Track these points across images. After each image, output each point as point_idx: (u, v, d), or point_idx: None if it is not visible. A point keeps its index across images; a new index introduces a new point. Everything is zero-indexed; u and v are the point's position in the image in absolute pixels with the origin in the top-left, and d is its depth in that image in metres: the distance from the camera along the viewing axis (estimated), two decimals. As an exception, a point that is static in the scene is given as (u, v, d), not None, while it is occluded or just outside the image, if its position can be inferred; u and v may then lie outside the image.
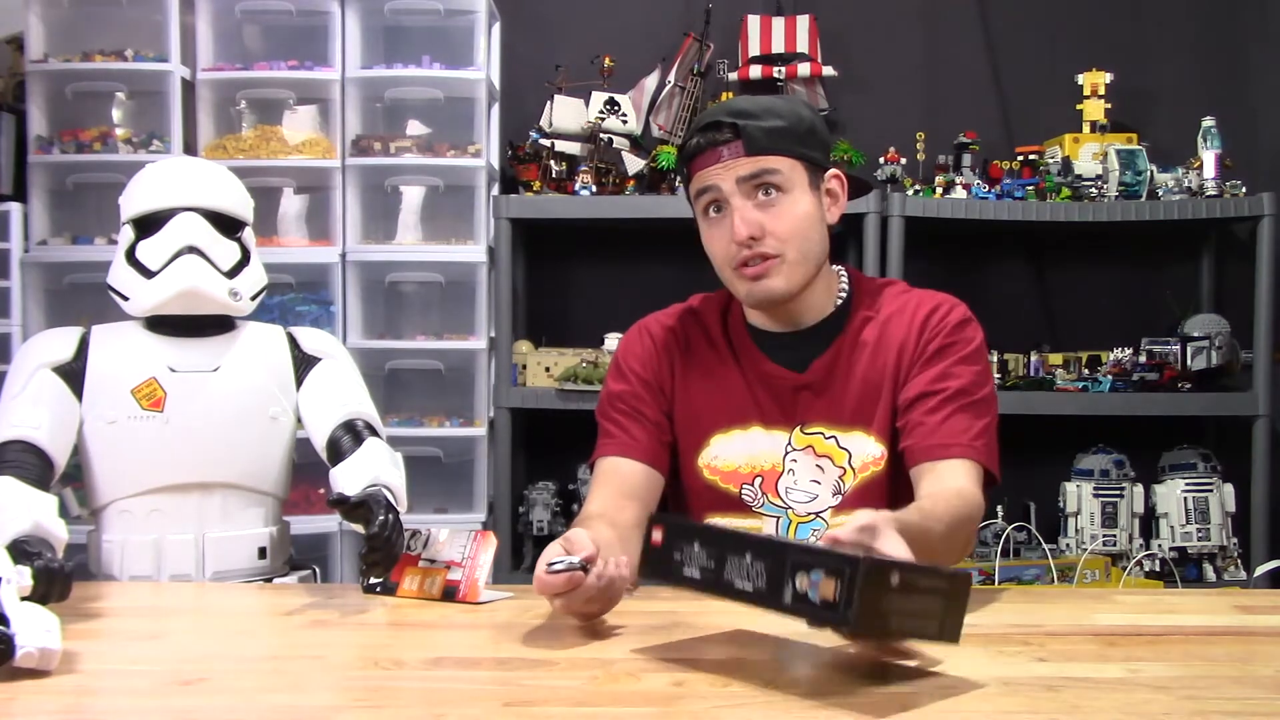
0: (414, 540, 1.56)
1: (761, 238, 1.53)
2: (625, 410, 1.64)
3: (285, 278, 2.96)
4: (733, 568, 1.14)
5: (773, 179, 1.53)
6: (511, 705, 1.06)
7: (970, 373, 1.57)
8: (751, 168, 1.53)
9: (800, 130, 1.57)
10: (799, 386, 1.61)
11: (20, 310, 2.92)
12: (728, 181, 1.53)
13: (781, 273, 1.55)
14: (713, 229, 1.58)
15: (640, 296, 1.93)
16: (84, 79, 2.98)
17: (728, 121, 1.54)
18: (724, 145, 1.53)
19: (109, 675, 1.18)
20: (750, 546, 1.14)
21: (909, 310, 1.62)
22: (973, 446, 1.52)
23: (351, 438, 1.77)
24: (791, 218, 1.55)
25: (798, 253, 1.56)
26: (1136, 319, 3.19)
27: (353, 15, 3.02)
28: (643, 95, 3.17)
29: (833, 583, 1.05)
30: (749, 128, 1.53)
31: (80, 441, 1.77)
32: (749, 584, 1.12)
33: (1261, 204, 2.93)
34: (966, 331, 1.60)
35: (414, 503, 1.76)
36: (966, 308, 1.64)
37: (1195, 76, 3.25)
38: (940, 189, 3.00)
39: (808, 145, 1.57)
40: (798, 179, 1.55)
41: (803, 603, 1.07)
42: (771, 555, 1.11)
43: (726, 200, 1.54)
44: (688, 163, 1.59)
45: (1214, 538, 3.00)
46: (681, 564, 1.20)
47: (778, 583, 1.09)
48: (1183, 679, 1.12)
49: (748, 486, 1.61)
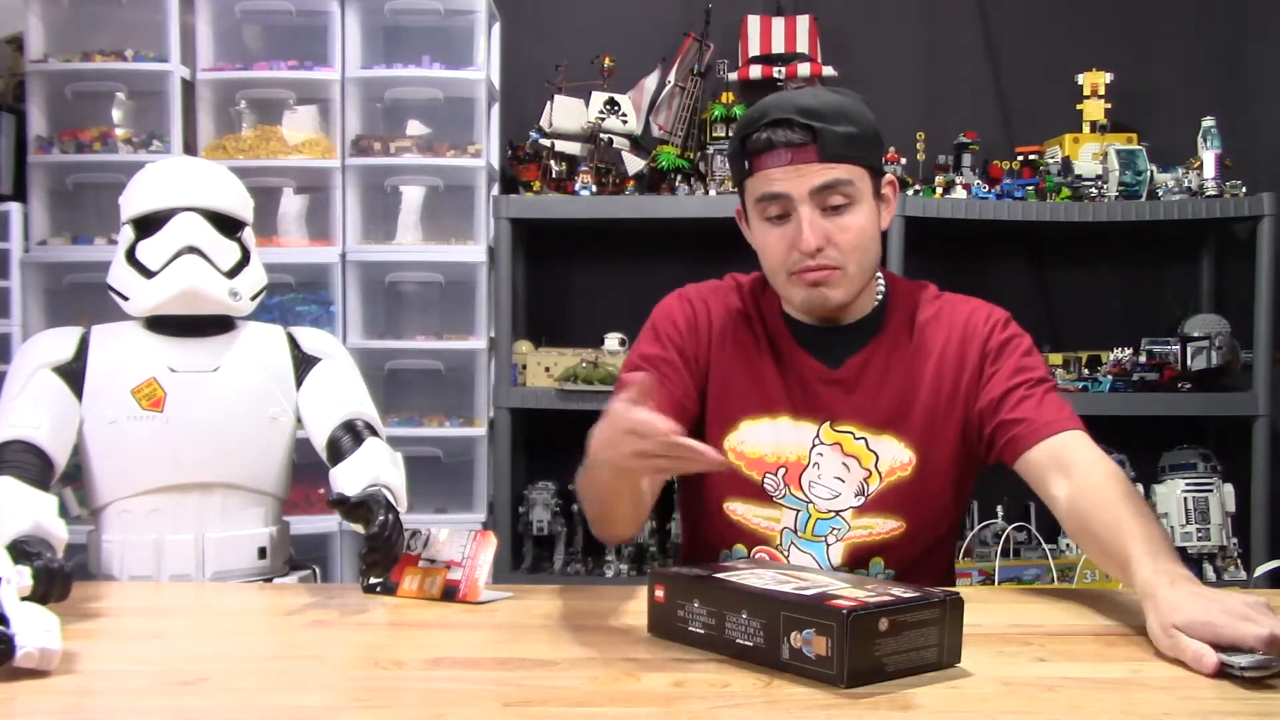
0: (414, 540, 1.56)
1: (826, 249, 1.51)
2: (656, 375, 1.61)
3: (285, 278, 2.96)
4: (733, 625, 1.17)
5: (845, 189, 1.50)
6: (511, 705, 1.06)
7: (1039, 363, 1.59)
8: (825, 177, 1.49)
9: (868, 136, 1.55)
10: (831, 381, 1.60)
11: (20, 310, 2.92)
12: (800, 190, 1.50)
13: (841, 285, 1.54)
14: (771, 230, 1.54)
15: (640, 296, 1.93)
16: (84, 79, 2.98)
17: (801, 121, 1.49)
18: (797, 147, 1.49)
19: (109, 675, 1.18)
20: (746, 603, 1.16)
21: (946, 314, 1.62)
22: (1075, 419, 1.52)
23: (351, 438, 1.77)
24: (857, 230, 1.53)
25: (858, 266, 1.55)
26: (1136, 319, 3.19)
27: (353, 15, 3.02)
28: (643, 95, 3.17)
29: (824, 639, 1.08)
30: (825, 132, 1.49)
31: (80, 441, 1.77)
32: (749, 641, 1.15)
33: (1261, 204, 2.93)
34: (1013, 328, 1.62)
35: (414, 503, 1.76)
36: (1002, 308, 1.65)
37: (1195, 76, 3.25)
38: (940, 189, 3.00)
39: (874, 152, 1.56)
40: (864, 189, 1.53)
41: (800, 660, 1.10)
42: (766, 613, 1.14)
43: (794, 207, 1.51)
44: (751, 157, 1.53)
45: (1214, 538, 3.00)
46: (686, 622, 1.22)
47: (775, 640, 1.13)
48: (1183, 679, 1.12)
49: (770, 476, 1.59)
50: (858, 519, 1.57)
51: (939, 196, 2.99)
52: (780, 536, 1.59)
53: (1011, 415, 1.53)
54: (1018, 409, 1.53)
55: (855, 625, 1.07)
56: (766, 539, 1.60)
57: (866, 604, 1.09)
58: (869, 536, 1.58)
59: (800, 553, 1.58)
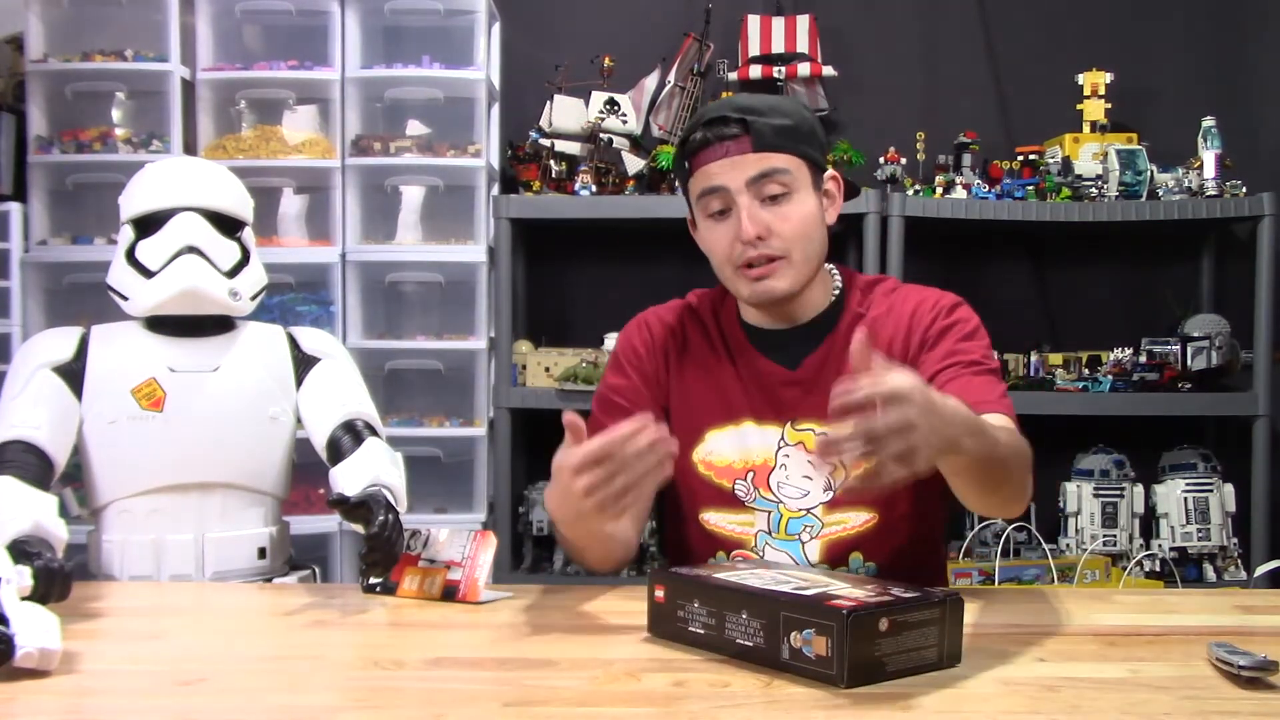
0: (414, 540, 1.56)
1: (768, 237, 1.54)
2: (619, 405, 1.64)
3: (285, 278, 2.96)
4: (733, 625, 1.17)
5: (781, 178, 1.53)
6: (511, 705, 1.06)
7: (978, 347, 1.57)
8: (760, 166, 1.53)
9: (804, 130, 1.57)
10: (790, 383, 1.61)
11: (20, 310, 2.92)
12: (736, 181, 1.53)
13: (786, 274, 1.56)
14: (715, 227, 1.58)
15: (640, 296, 1.93)
16: (84, 79, 2.98)
17: (735, 117, 1.53)
18: (730, 140, 1.53)
19: (109, 675, 1.18)
20: (746, 603, 1.16)
21: (898, 307, 1.63)
22: (1003, 403, 1.50)
23: (351, 438, 1.77)
24: (798, 218, 1.55)
25: (802, 253, 1.56)
26: (1136, 319, 3.19)
27: (353, 15, 3.02)
28: (643, 95, 3.17)
29: (824, 639, 1.08)
30: (758, 124, 1.53)
31: (80, 441, 1.77)
32: (749, 641, 1.15)
33: (1261, 204, 2.93)
34: (959, 313, 1.61)
35: (414, 503, 1.76)
36: (956, 296, 1.64)
37: (1195, 76, 3.25)
38: (940, 189, 3.00)
39: (811, 145, 1.58)
40: (803, 179, 1.56)
41: (800, 660, 1.10)
42: (766, 613, 1.14)
43: (733, 199, 1.54)
44: (690, 157, 1.58)
45: (1214, 538, 3.00)
46: (686, 622, 1.22)
47: (775, 640, 1.13)
48: (1183, 679, 1.12)
49: (740, 481, 1.61)
50: (829, 514, 1.58)
51: (939, 196, 2.99)
52: (755, 539, 1.61)
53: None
54: (945, 387, 1.50)
55: (855, 625, 1.07)
56: (742, 543, 1.61)
57: (866, 604, 1.09)
58: (843, 531, 1.59)
59: (775, 553, 1.60)
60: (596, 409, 1.67)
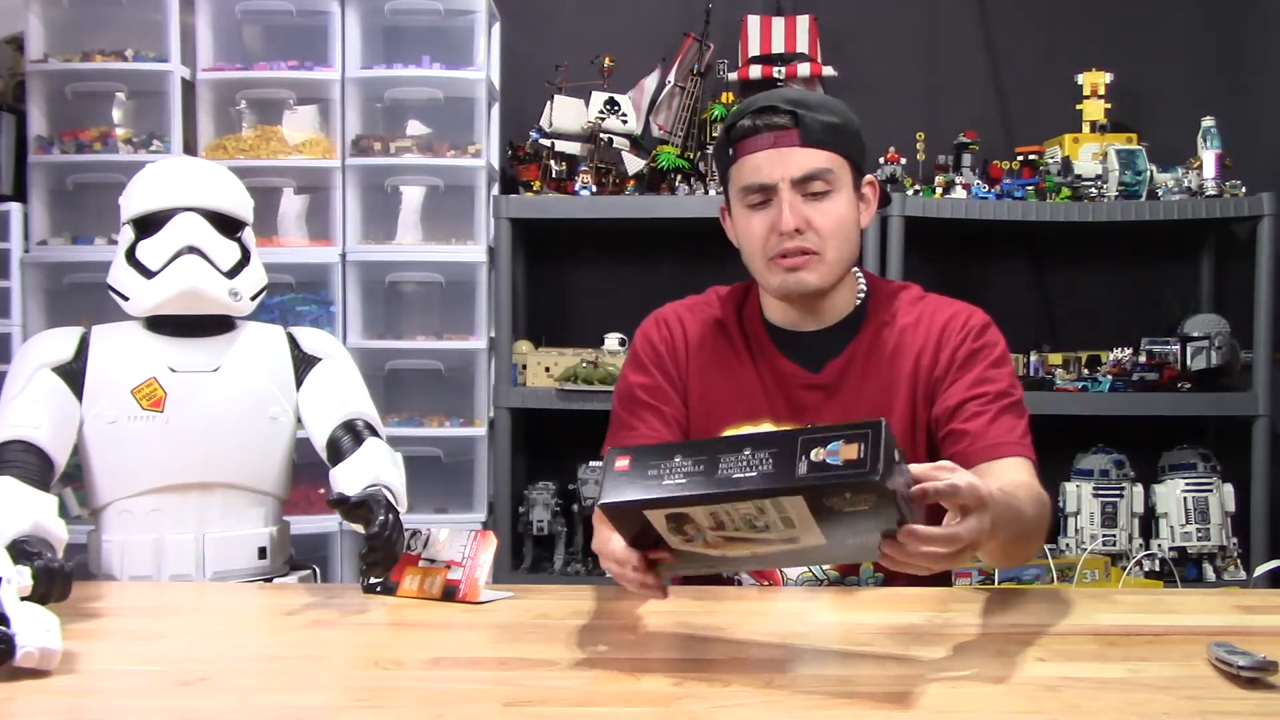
0: (414, 540, 1.56)
1: (806, 231, 1.54)
2: (646, 402, 1.63)
3: (285, 278, 2.96)
4: (728, 465, 1.12)
5: (825, 176, 1.54)
6: (511, 705, 1.06)
7: (1004, 375, 1.59)
8: (807, 166, 1.53)
9: (851, 131, 1.58)
10: (812, 386, 1.61)
11: (20, 310, 2.92)
12: (782, 175, 1.53)
13: (818, 269, 1.56)
14: (752, 216, 1.57)
15: (640, 296, 1.93)
16: (84, 79, 2.98)
17: (785, 108, 1.53)
18: (779, 131, 1.53)
19: (109, 675, 1.18)
20: (749, 443, 1.12)
21: (926, 319, 1.62)
22: (1023, 444, 1.52)
23: (351, 438, 1.77)
24: (836, 216, 1.55)
25: (836, 252, 1.57)
26: (1136, 319, 3.19)
27: (353, 15, 3.02)
28: (643, 95, 3.17)
29: (855, 446, 1.06)
30: (807, 118, 1.53)
31: (80, 441, 1.77)
32: (752, 472, 1.10)
33: (1261, 204, 2.93)
34: (989, 336, 1.62)
35: (414, 503, 1.76)
36: (985, 314, 1.64)
37: (1195, 76, 3.25)
38: (940, 189, 3.00)
39: (855, 147, 1.59)
40: (844, 179, 1.56)
41: (822, 470, 1.07)
42: (778, 443, 1.11)
43: (775, 191, 1.54)
44: (735, 143, 1.57)
45: (1214, 538, 3.00)
46: (658, 479, 1.14)
47: (789, 462, 1.09)
48: (1183, 679, 1.12)
49: None
50: None
51: (939, 196, 2.98)
52: None
53: (961, 426, 1.54)
54: (970, 422, 1.53)
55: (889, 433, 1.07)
56: None
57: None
58: None
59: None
60: (619, 406, 1.66)
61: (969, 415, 1.54)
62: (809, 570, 1.59)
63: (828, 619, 1.40)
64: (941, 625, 1.34)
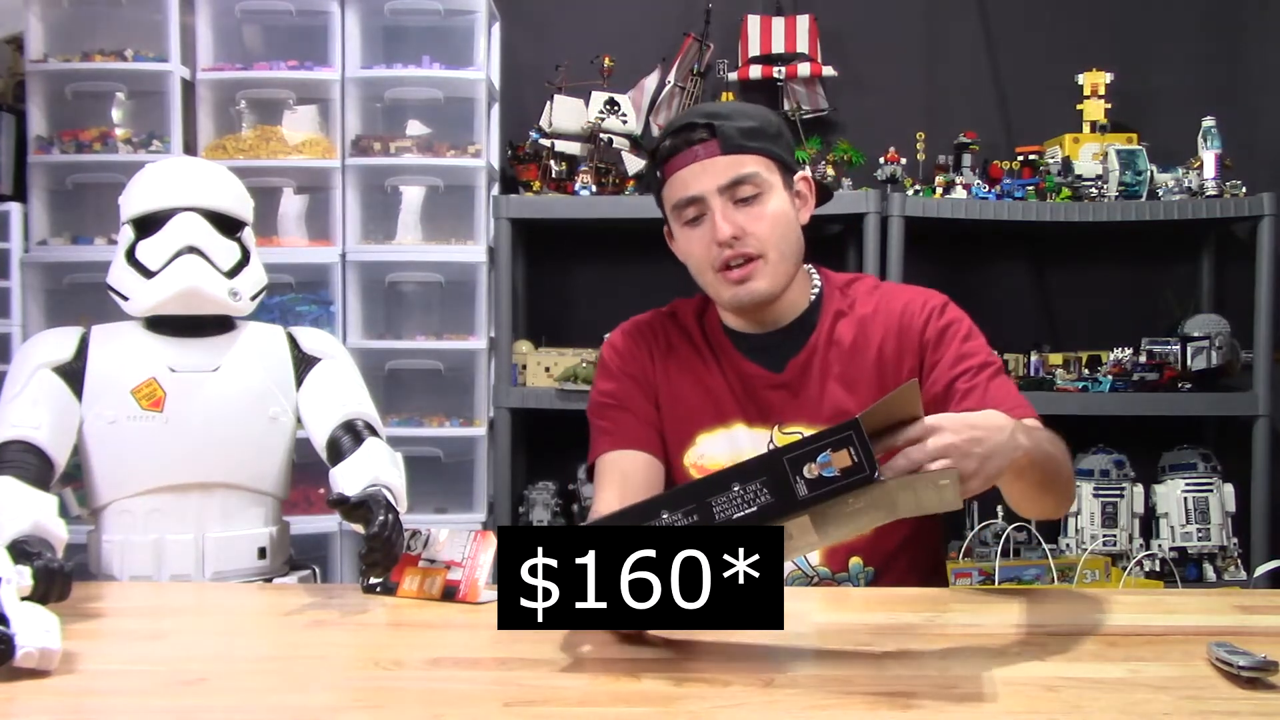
0: (414, 540, 1.56)
1: (743, 237, 1.55)
2: (616, 405, 1.65)
3: (285, 278, 2.96)
4: (721, 506, 1.10)
5: (752, 180, 1.54)
6: (511, 705, 1.06)
7: (980, 348, 1.60)
8: (731, 173, 1.54)
9: (770, 130, 1.59)
10: (775, 386, 1.62)
11: (20, 310, 2.92)
12: (708, 187, 1.54)
13: (765, 274, 1.57)
14: (691, 234, 1.59)
15: (640, 296, 1.93)
16: (84, 79, 2.98)
17: (702, 122, 1.55)
18: (699, 144, 1.55)
19: (109, 675, 1.18)
20: (733, 477, 1.10)
21: (884, 307, 1.63)
22: (1023, 405, 1.53)
23: (351, 438, 1.77)
24: (770, 218, 1.56)
25: (778, 253, 1.57)
26: (1136, 319, 3.18)
27: (353, 15, 3.02)
28: (643, 95, 3.17)
29: (845, 452, 1.06)
30: (724, 127, 1.54)
31: (80, 441, 1.77)
32: (751, 508, 1.09)
33: (1261, 204, 2.93)
34: (950, 313, 1.62)
35: (414, 503, 1.76)
36: (941, 294, 1.65)
37: (1195, 76, 3.25)
38: (940, 189, 3.00)
39: (778, 145, 1.60)
40: (773, 180, 1.57)
41: (821, 484, 1.07)
42: (764, 469, 1.09)
43: (707, 205, 1.55)
44: (660, 166, 1.59)
45: (1214, 538, 3.00)
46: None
47: (785, 486, 1.08)
48: (1183, 679, 1.12)
49: None
50: None
51: (939, 196, 2.98)
52: None
53: (959, 408, 1.52)
54: (964, 401, 1.53)
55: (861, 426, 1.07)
56: None
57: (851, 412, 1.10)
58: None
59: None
60: (593, 416, 1.68)
61: (963, 394, 1.54)
62: (798, 568, 1.59)
63: (828, 619, 1.40)
64: (941, 625, 1.34)
